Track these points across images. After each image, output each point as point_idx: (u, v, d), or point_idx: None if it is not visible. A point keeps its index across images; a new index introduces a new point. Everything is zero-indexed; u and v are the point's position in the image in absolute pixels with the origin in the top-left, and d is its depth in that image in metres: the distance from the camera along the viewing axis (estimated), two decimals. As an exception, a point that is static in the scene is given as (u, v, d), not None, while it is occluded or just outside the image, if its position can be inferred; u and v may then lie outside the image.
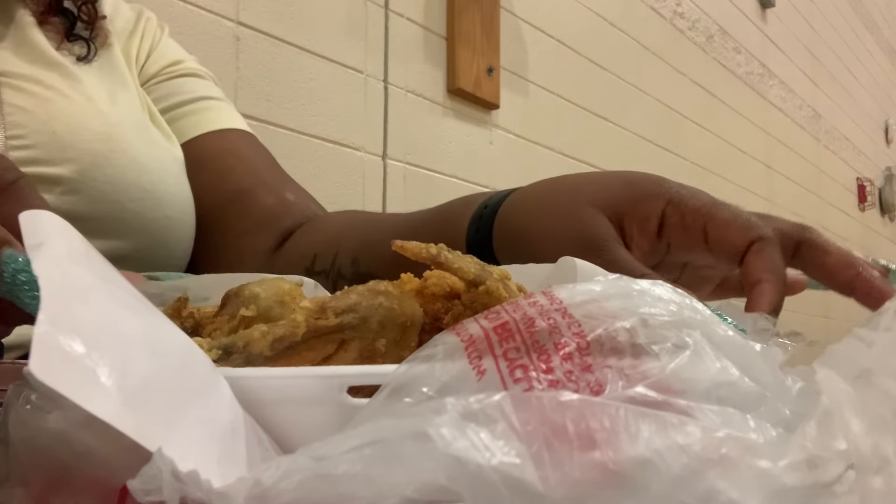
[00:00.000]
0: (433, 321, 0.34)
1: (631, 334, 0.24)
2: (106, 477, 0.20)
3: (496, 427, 0.20)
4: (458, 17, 1.52)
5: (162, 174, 0.60)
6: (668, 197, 0.44)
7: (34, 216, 0.24)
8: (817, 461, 0.22)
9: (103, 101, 0.59)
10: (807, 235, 0.46)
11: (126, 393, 0.20)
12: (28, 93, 0.53)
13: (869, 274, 0.45)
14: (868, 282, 0.44)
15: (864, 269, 0.45)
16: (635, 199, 0.45)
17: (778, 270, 0.43)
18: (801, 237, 0.46)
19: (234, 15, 1.15)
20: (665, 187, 0.45)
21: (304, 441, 0.21)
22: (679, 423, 0.21)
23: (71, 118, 0.54)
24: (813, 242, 0.46)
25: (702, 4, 2.46)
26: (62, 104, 0.55)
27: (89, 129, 0.55)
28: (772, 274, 0.42)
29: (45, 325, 0.19)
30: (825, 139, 3.39)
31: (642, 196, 0.45)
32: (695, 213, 0.43)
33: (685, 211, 0.44)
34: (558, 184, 0.49)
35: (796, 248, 0.46)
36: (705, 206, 0.44)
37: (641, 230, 0.45)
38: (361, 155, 1.32)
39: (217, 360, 0.29)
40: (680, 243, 0.45)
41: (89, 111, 0.56)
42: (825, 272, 0.46)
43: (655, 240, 0.45)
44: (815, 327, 3.14)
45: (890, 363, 0.29)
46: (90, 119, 0.56)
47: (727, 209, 0.44)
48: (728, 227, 0.43)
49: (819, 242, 0.46)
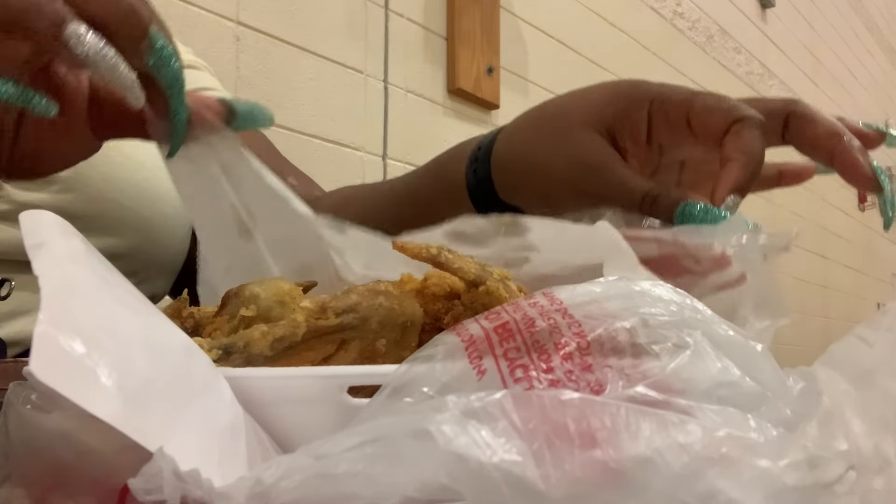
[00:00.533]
0: (433, 321, 0.34)
1: (631, 334, 0.24)
2: (106, 477, 0.20)
3: (497, 425, 0.20)
4: (458, 17, 1.52)
5: (157, 171, 0.60)
6: (651, 98, 0.44)
7: (34, 216, 0.24)
8: (818, 461, 0.22)
9: None
10: (794, 108, 0.44)
11: (126, 393, 0.20)
12: None
13: (850, 144, 0.43)
14: (848, 152, 0.43)
15: (848, 139, 0.43)
16: (622, 110, 0.44)
17: (750, 150, 0.41)
18: (789, 110, 0.44)
19: (234, 15, 1.15)
20: (645, 89, 0.44)
21: (304, 441, 0.21)
22: (680, 422, 0.21)
23: None
24: (800, 114, 0.44)
25: (702, 4, 2.46)
26: None
27: None
28: (742, 154, 0.41)
29: (45, 325, 0.19)
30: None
31: (628, 105, 0.44)
32: (677, 106, 0.43)
33: (668, 107, 0.43)
34: (545, 111, 0.48)
35: (786, 122, 0.45)
36: (686, 97, 0.43)
37: (634, 140, 0.45)
38: (361, 155, 1.32)
39: (217, 360, 0.28)
40: (670, 141, 0.45)
41: None
42: (811, 143, 0.44)
43: (647, 146, 0.45)
44: (815, 327, 3.14)
45: (891, 363, 0.29)
46: None
47: (710, 96, 0.43)
48: (710, 112, 0.42)
49: (806, 113, 0.44)
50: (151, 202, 0.58)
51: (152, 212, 0.59)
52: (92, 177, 0.54)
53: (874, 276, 3.93)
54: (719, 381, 0.24)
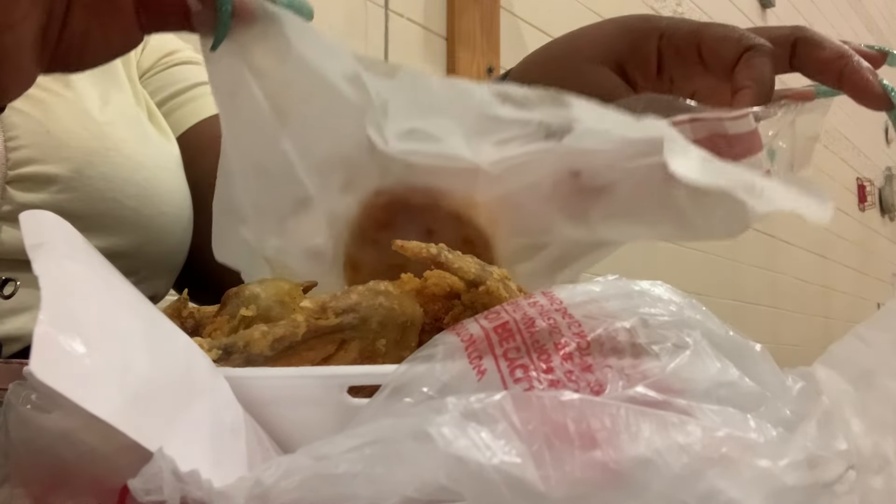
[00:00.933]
0: (433, 321, 0.34)
1: (631, 334, 0.24)
2: (106, 477, 0.20)
3: (497, 426, 0.20)
4: (457, 18, 1.52)
5: (157, 171, 0.60)
6: (661, 31, 0.44)
7: (34, 216, 0.24)
8: (818, 461, 0.22)
9: (95, 101, 0.59)
10: (801, 33, 0.45)
11: (126, 393, 0.20)
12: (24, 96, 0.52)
13: (859, 64, 0.43)
14: (857, 72, 0.43)
15: (855, 59, 0.43)
16: (631, 43, 0.45)
17: (762, 78, 0.42)
18: (796, 35, 0.45)
19: (234, 15, 1.15)
20: (655, 23, 0.45)
21: (304, 441, 0.21)
22: (679, 422, 0.21)
23: (64, 118, 0.55)
24: (807, 39, 0.45)
25: (702, 4, 2.46)
26: (55, 104, 0.55)
27: (83, 128, 0.55)
28: (754, 82, 0.42)
29: (45, 325, 0.19)
30: (825, 139, 3.39)
31: (637, 38, 0.45)
32: (687, 38, 0.43)
33: (678, 40, 0.44)
34: (555, 46, 0.49)
35: (793, 48, 0.45)
36: (696, 28, 0.43)
37: (644, 73, 0.45)
38: (361, 155, 1.32)
39: (217, 360, 0.29)
40: (680, 73, 0.45)
41: (82, 111, 0.57)
42: (818, 66, 0.44)
43: (657, 79, 0.45)
44: (815, 327, 3.14)
45: (891, 363, 0.29)
46: (83, 118, 0.56)
47: (719, 26, 0.44)
48: (720, 41, 0.43)
49: (813, 37, 0.45)
50: (152, 202, 0.58)
51: (153, 211, 0.59)
52: (92, 177, 0.54)
53: (874, 276, 3.93)
54: (719, 381, 0.24)
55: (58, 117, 0.54)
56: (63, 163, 0.53)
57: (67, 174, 0.53)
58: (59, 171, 0.53)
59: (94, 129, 0.56)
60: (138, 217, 0.57)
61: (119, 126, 0.58)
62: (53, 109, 0.55)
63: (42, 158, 0.52)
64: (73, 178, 0.53)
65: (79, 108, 0.56)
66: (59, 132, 0.53)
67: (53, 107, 0.55)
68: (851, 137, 3.72)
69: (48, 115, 0.54)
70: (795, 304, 2.97)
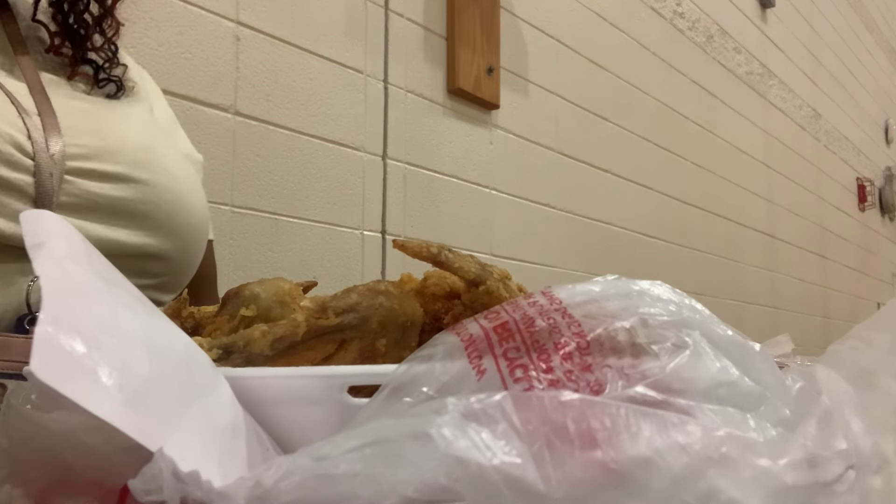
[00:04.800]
0: (433, 321, 0.34)
1: (631, 334, 0.24)
2: (106, 477, 0.20)
3: (497, 427, 0.20)
4: (457, 17, 1.52)
5: (188, 184, 0.66)
6: None
7: (35, 216, 0.24)
8: (817, 460, 0.22)
9: (136, 121, 0.66)
10: None
11: (127, 393, 0.20)
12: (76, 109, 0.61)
13: None
14: None
15: None
16: None
17: None
18: None
19: (234, 15, 1.15)
20: None
21: (304, 441, 0.21)
22: (679, 422, 0.21)
23: (115, 128, 0.62)
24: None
25: (702, 4, 2.46)
26: (106, 117, 0.62)
27: (131, 140, 0.62)
28: None
29: (45, 325, 0.19)
30: (825, 139, 3.39)
31: None
32: None
33: None
34: None
35: None
36: None
37: None
38: (361, 155, 1.32)
39: (217, 360, 0.29)
40: None
41: (129, 125, 0.64)
42: None
43: None
44: (815, 327, 3.14)
45: (891, 363, 0.29)
46: (131, 132, 0.63)
47: None
48: None
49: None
50: (183, 212, 0.64)
51: (184, 221, 0.64)
52: (138, 179, 0.60)
53: (874, 276, 3.93)
54: (718, 380, 0.24)
55: (109, 128, 0.61)
56: (115, 164, 0.59)
57: (118, 173, 0.59)
58: (112, 170, 0.59)
59: (139, 141, 0.63)
60: (171, 223, 0.63)
61: (159, 141, 0.66)
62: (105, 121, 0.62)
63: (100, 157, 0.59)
64: (122, 177, 0.60)
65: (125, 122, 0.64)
66: (112, 140, 0.60)
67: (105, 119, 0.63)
68: (851, 137, 3.72)
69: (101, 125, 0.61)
70: (795, 304, 2.97)
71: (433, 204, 1.44)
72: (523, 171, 1.66)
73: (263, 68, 1.19)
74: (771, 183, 2.83)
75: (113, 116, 0.64)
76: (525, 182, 1.66)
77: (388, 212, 1.35)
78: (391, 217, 1.35)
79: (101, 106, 0.65)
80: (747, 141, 2.70)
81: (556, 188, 1.75)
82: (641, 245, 2.06)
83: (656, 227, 2.11)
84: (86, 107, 0.63)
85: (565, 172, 1.79)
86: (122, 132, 0.62)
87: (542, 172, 1.71)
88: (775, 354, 0.31)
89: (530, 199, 1.67)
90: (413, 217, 1.40)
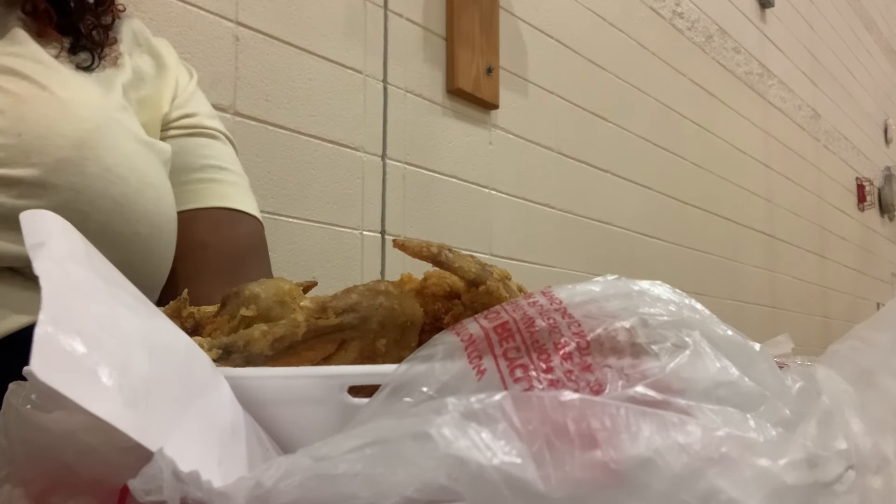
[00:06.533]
0: (433, 321, 0.34)
1: (630, 334, 0.24)
2: (106, 477, 0.20)
3: (497, 427, 0.20)
4: (457, 18, 1.52)
5: (140, 187, 0.56)
6: None
7: (35, 216, 0.24)
8: (817, 460, 0.22)
9: (85, 105, 0.56)
10: None
11: (127, 393, 0.20)
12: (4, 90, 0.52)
13: None
14: None
15: None
16: None
17: None
18: None
19: (234, 15, 1.15)
20: None
21: (304, 441, 0.21)
22: (679, 422, 0.21)
23: (42, 120, 0.52)
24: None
25: (701, 4, 2.46)
26: (36, 104, 0.52)
27: (60, 135, 0.52)
28: None
29: (46, 325, 0.19)
30: (825, 139, 3.39)
31: None
32: None
33: None
34: None
35: None
36: None
37: None
38: (361, 155, 1.32)
39: (217, 360, 0.29)
40: None
41: (64, 113, 0.54)
42: None
43: None
44: (815, 327, 3.14)
45: (891, 363, 0.29)
46: (63, 123, 0.53)
47: None
48: None
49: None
50: (124, 219, 0.55)
51: (123, 229, 0.55)
52: (58, 185, 0.51)
53: (874, 276, 3.93)
54: (718, 380, 0.24)
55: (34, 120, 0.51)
56: (29, 168, 0.50)
57: (33, 180, 0.50)
58: (25, 176, 0.50)
59: (72, 137, 0.53)
60: (106, 234, 0.54)
61: (104, 134, 0.55)
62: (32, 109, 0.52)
63: (9, 162, 0.50)
64: (38, 184, 0.50)
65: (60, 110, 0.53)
66: (32, 137, 0.51)
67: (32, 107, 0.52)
68: (851, 137, 3.72)
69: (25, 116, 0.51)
70: (795, 304, 2.97)
71: (433, 204, 1.44)
72: (523, 171, 1.66)
73: (263, 68, 1.19)
74: (770, 183, 2.83)
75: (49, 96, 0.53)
76: (524, 182, 1.66)
77: (388, 212, 1.35)
78: (391, 217, 1.35)
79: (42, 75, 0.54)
80: (747, 141, 2.70)
81: (555, 188, 1.75)
82: (641, 245, 2.06)
83: (656, 228, 2.11)
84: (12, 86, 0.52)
85: (565, 172, 1.79)
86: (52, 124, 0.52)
87: (541, 172, 1.71)
88: (775, 354, 0.32)
89: (530, 200, 1.67)
90: (412, 217, 1.39)
